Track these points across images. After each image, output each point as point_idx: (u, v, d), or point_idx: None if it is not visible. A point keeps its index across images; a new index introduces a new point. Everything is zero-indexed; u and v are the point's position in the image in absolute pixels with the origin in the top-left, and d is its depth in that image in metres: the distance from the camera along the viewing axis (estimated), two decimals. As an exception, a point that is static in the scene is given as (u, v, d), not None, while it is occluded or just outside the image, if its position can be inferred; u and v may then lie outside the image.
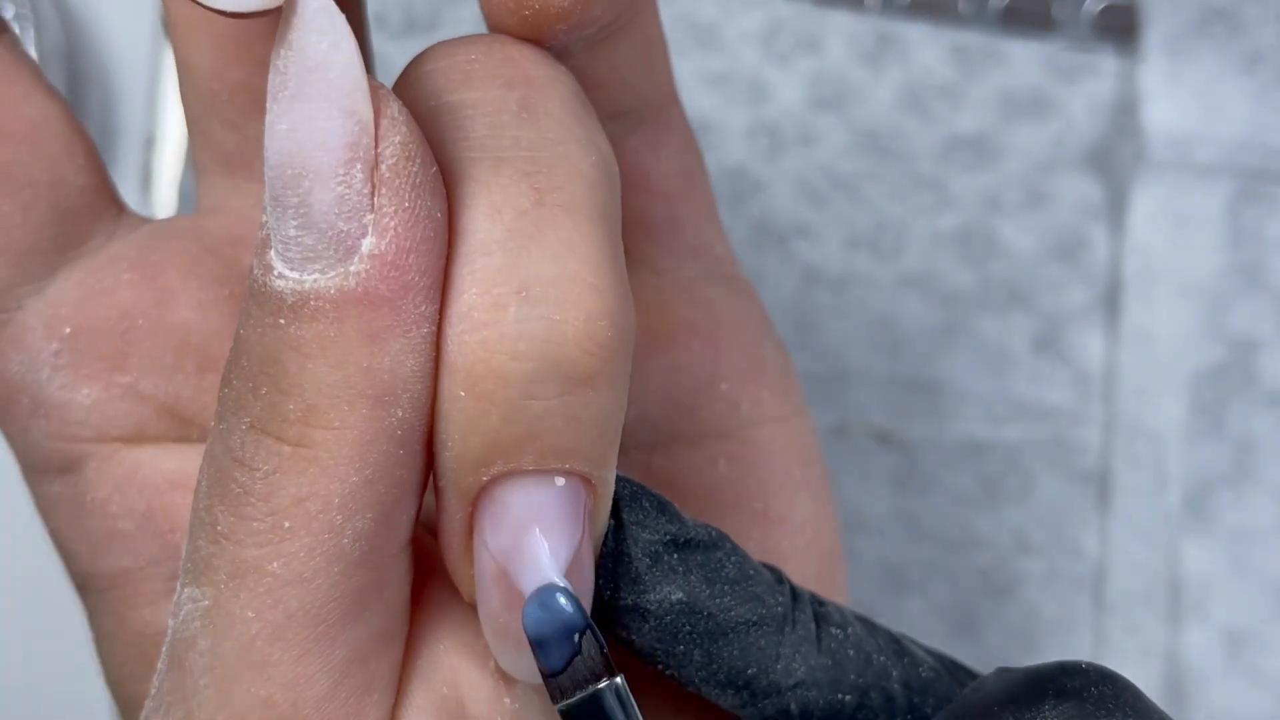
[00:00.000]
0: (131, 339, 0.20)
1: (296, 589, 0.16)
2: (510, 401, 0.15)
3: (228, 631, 0.16)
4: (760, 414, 0.21)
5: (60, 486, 0.20)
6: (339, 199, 0.15)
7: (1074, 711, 0.16)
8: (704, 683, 0.18)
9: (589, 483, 0.16)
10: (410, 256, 0.15)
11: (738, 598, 0.18)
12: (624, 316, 0.16)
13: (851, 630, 0.19)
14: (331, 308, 0.15)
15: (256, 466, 0.16)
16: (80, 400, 0.20)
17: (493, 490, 0.16)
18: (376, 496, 0.16)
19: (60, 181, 0.20)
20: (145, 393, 0.20)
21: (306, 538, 0.16)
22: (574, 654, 0.16)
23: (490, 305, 0.15)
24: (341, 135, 0.15)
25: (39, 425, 0.20)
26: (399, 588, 0.17)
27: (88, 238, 0.20)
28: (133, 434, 0.20)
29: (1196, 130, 0.40)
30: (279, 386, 0.16)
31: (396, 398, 0.16)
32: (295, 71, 0.15)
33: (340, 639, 0.16)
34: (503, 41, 0.17)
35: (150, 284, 0.20)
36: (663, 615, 0.18)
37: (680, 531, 0.18)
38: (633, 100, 0.20)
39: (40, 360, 0.20)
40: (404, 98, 0.16)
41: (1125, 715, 0.16)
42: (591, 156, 0.16)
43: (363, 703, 0.17)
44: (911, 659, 0.19)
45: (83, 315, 0.20)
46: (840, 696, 0.19)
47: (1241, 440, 0.39)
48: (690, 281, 0.21)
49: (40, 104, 0.20)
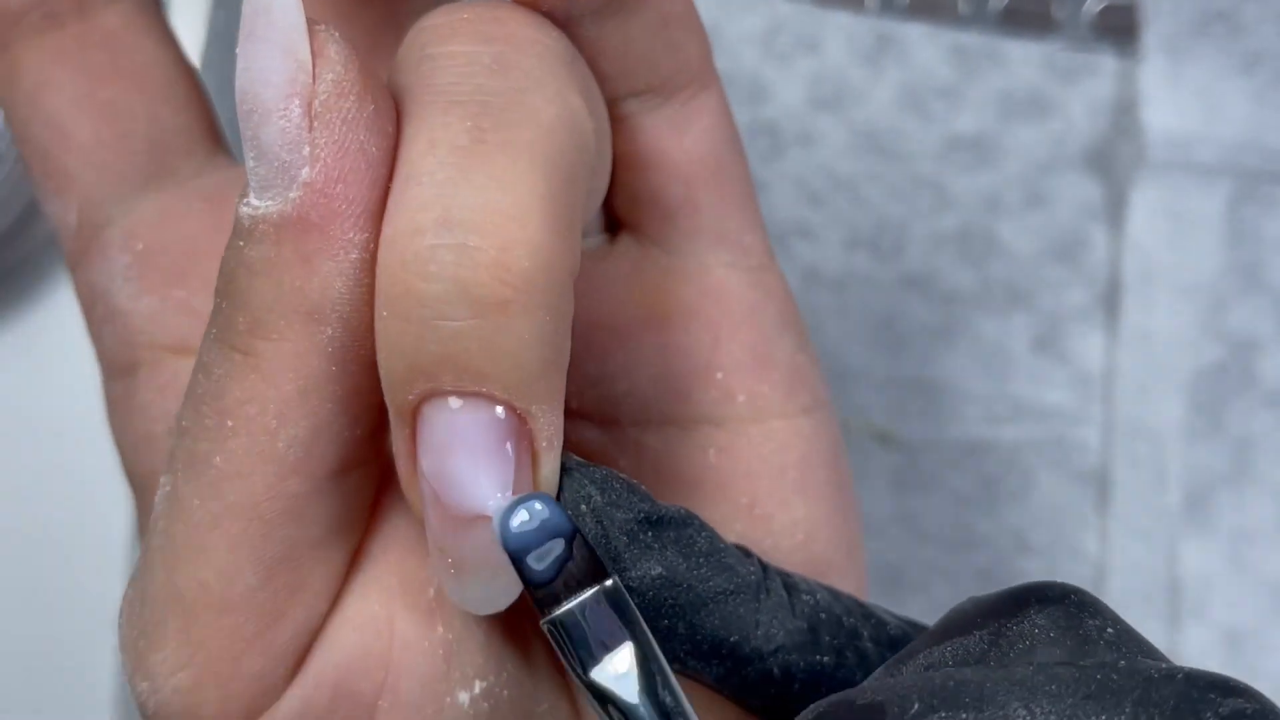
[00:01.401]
0: (193, 259, 0.22)
1: (235, 483, 0.18)
2: (424, 321, 0.16)
3: (178, 516, 0.18)
4: (759, 409, 0.22)
5: (120, 388, 0.22)
6: (281, 131, 0.16)
7: (1060, 613, 0.17)
8: (689, 655, 0.19)
9: (518, 416, 0.17)
10: (338, 186, 0.17)
11: (713, 568, 0.19)
12: (550, 252, 0.16)
13: (820, 596, 0.20)
14: (273, 231, 0.17)
15: (212, 370, 0.18)
16: (141, 309, 0.22)
17: (423, 411, 0.17)
18: (310, 408, 0.17)
19: (156, 120, 0.22)
20: (195, 308, 0.22)
21: (245, 437, 0.17)
22: (566, 560, 0.17)
23: (411, 231, 0.16)
24: (281, 72, 0.16)
25: (109, 329, 0.22)
26: (343, 504, 0.19)
27: (176, 169, 0.22)
28: (178, 344, 0.22)
29: (1196, 130, 0.40)
30: (234, 301, 0.17)
31: (325, 316, 0.17)
32: (249, 15, 0.17)
33: (273, 537, 0.18)
34: (499, 4, 0.18)
35: (215, 215, 0.22)
36: (645, 591, 0.18)
37: (652, 509, 0.18)
38: (650, 79, 0.20)
39: (115, 270, 0.22)
40: (401, 51, 0.18)
41: (1104, 617, 0.17)
42: (554, 108, 0.17)
43: (290, 600, 0.18)
44: (878, 620, 0.20)
45: (155, 235, 0.22)
46: (819, 658, 0.19)
47: (1241, 440, 0.39)
48: (704, 267, 0.22)
49: (150, 52, 0.22)
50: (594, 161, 0.18)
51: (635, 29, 0.19)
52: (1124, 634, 0.17)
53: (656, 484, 0.22)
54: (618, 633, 0.17)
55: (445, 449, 0.17)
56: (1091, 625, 0.17)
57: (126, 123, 0.22)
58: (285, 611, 0.18)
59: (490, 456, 0.17)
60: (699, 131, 0.21)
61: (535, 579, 0.17)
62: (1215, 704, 0.15)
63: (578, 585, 0.17)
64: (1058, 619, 0.17)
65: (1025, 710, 0.15)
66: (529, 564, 0.17)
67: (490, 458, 0.17)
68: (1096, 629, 0.16)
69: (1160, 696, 0.15)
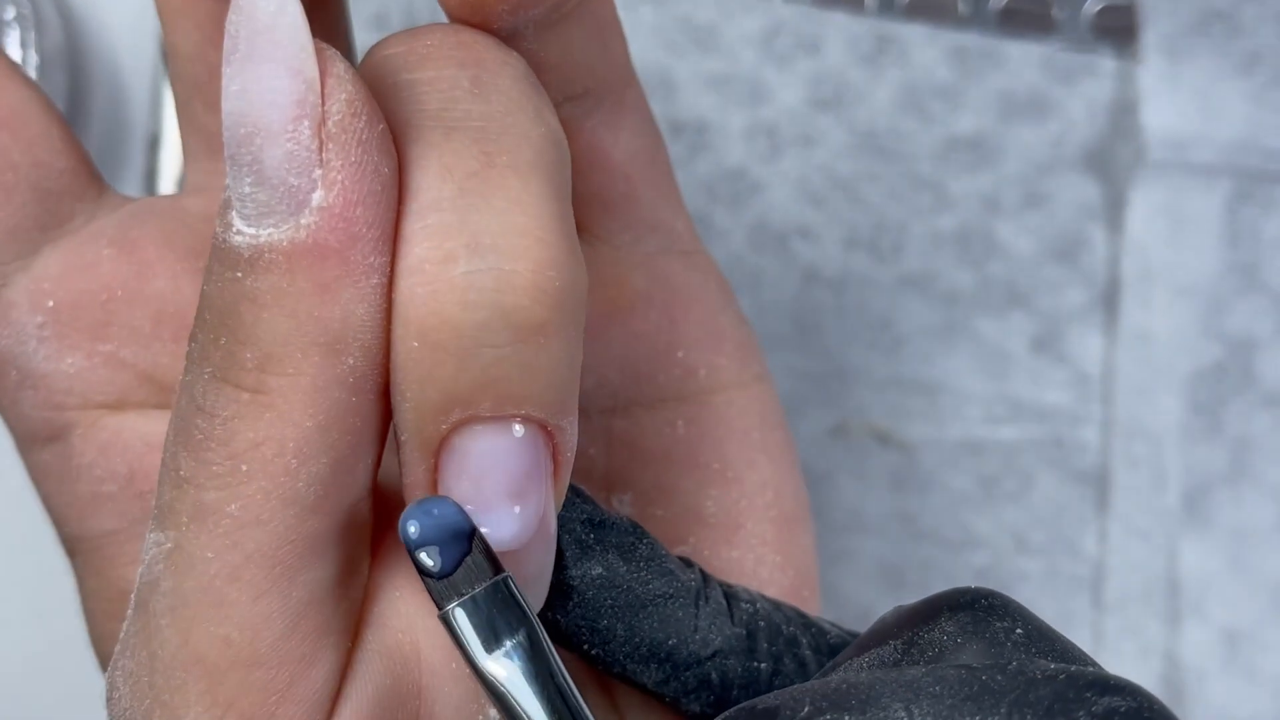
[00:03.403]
0: (112, 310, 0.21)
1: (254, 531, 0.17)
2: (464, 350, 0.16)
3: (188, 572, 0.17)
4: (718, 380, 0.22)
5: (49, 455, 0.21)
6: (289, 155, 0.16)
7: (968, 618, 0.17)
8: (628, 659, 0.19)
9: (548, 432, 0.17)
10: (358, 209, 0.16)
11: (653, 572, 0.19)
12: (572, 269, 0.16)
13: (760, 605, 0.20)
14: (284, 259, 0.16)
15: (217, 413, 0.17)
16: (65, 369, 0.21)
17: (453, 441, 0.16)
18: (330, 442, 0.17)
19: (40, 164, 0.21)
20: (126, 360, 0.21)
21: (263, 480, 0.16)
22: (464, 554, 0.17)
23: (441, 258, 0.16)
24: (289, 93, 0.16)
25: (27, 396, 0.21)
26: (358, 536, 0.18)
27: (70, 217, 0.21)
28: (115, 400, 0.21)
29: (1195, 131, 0.40)
30: (237, 336, 0.16)
31: (347, 345, 0.16)
32: (245, 34, 0.16)
33: (297, 581, 0.17)
34: (457, 29, 0.18)
35: (129, 258, 0.21)
36: (585, 590, 0.19)
37: (594, 512, 0.19)
38: (587, 82, 0.20)
39: (26, 333, 0.21)
40: (367, 79, 0.17)
41: (1014, 619, 0.17)
42: (540, 128, 0.17)
43: (319, 644, 0.17)
44: (818, 628, 0.20)
45: (65, 289, 0.21)
46: (756, 664, 0.20)
47: (1240, 440, 0.40)
48: (647, 255, 0.22)
49: (16, 92, 0.21)
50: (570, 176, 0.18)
51: (574, 36, 0.19)
52: (1034, 634, 0.17)
53: (629, 462, 0.22)
54: (511, 625, 0.17)
55: (483, 474, 0.16)
56: (999, 628, 0.17)
57: (8, 173, 0.21)
58: (316, 656, 0.17)
59: (529, 475, 0.17)
60: (631, 127, 0.21)
61: (430, 571, 0.17)
62: (1090, 702, 0.15)
63: (475, 580, 0.17)
64: (965, 624, 0.17)
65: (905, 711, 0.15)
66: (421, 559, 0.17)
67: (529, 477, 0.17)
68: (1004, 631, 0.17)
69: (1037, 697, 0.15)
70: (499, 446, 0.16)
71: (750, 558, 0.22)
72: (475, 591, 0.17)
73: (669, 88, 0.39)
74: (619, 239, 0.22)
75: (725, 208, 0.39)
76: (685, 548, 0.22)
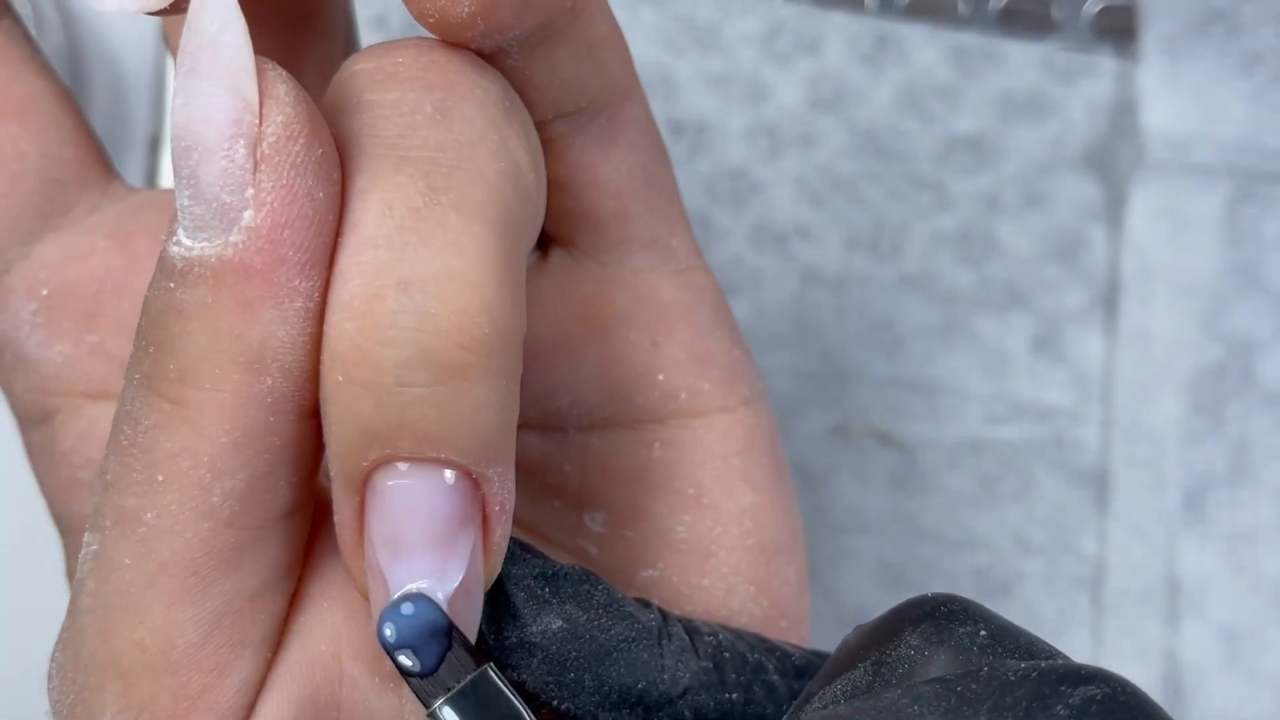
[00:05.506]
0: (102, 301, 0.21)
1: (168, 540, 0.17)
2: (383, 387, 0.16)
3: (108, 576, 0.17)
4: (699, 405, 0.22)
5: (38, 435, 0.22)
6: (223, 172, 0.16)
7: (931, 629, 0.17)
8: (599, 708, 0.19)
9: (473, 481, 0.17)
10: (285, 231, 0.16)
11: (613, 617, 0.19)
12: (506, 317, 0.16)
13: (722, 635, 0.20)
14: (211, 275, 0.16)
15: (140, 420, 0.17)
16: (53, 357, 0.21)
17: (375, 479, 0.16)
18: (246, 459, 0.17)
19: (47, 155, 0.21)
20: (110, 352, 0.21)
21: (178, 491, 0.17)
22: (445, 650, 0.17)
23: (370, 295, 0.16)
24: (226, 111, 0.16)
25: (19, 379, 0.21)
26: (282, 550, 0.18)
27: (73, 207, 0.21)
28: (97, 390, 0.21)
29: (1195, 131, 0.40)
30: (163, 346, 0.16)
31: (266, 366, 0.16)
32: (191, 50, 0.16)
33: (212, 591, 0.17)
34: (432, 46, 0.18)
35: (122, 251, 0.21)
36: (548, 645, 0.18)
37: (546, 565, 0.19)
38: (578, 100, 0.20)
39: (21, 319, 0.21)
40: (334, 94, 0.17)
41: (975, 622, 0.17)
42: (500, 163, 0.17)
43: (235, 654, 0.18)
44: (782, 652, 0.20)
45: (60, 278, 0.21)
46: (728, 695, 0.19)
47: (1240, 440, 0.40)
48: (635, 273, 0.22)
49: (30, 82, 0.21)
50: (535, 209, 0.18)
51: (561, 56, 0.19)
52: (999, 634, 0.17)
53: (603, 481, 0.22)
54: (503, 714, 0.17)
55: (402, 516, 0.16)
56: (963, 633, 0.17)
57: (15, 163, 0.21)
58: (230, 665, 0.18)
59: (448, 521, 0.16)
60: (626, 144, 0.21)
61: (412, 672, 0.17)
62: (1066, 696, 0.15)
63: (459, 674, 0.17)
64: (929, 635, 0.17)
65: None
66: (402, 661, 0.17)
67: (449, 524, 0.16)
68: (969, 635, 0.17)
69: (1014, 699, 0.15)
70: (419, 489, 0.16)
71: (721, 586, 0.22)
72: (461, 685, 0.17)
73: (669, 88, 0.39)
74: (606, 256, 0.21)
75: (725, 208, 0.39)
76: (654, 572, 0.22)
